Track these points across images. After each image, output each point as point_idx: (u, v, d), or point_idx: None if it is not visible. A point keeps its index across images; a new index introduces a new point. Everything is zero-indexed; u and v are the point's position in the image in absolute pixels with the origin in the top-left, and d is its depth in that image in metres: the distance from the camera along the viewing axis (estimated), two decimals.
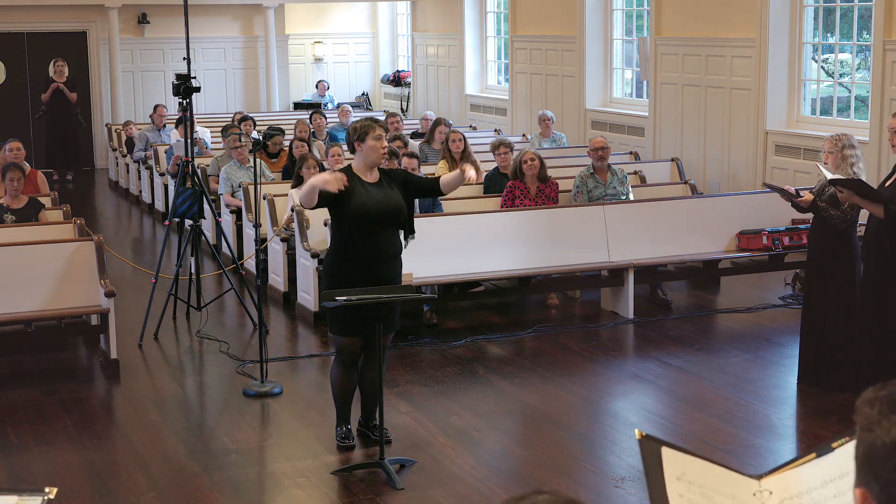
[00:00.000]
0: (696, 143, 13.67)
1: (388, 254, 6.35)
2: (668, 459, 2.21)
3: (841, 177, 7.12)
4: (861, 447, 1.85)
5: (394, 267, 6.41)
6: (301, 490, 6.15)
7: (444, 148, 11.69)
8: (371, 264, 6.28)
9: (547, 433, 6.98)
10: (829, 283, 7.46)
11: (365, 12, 22.45)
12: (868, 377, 7.18)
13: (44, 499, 2.49)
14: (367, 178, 6.37)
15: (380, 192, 6.33)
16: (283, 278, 10.03)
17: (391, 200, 6.33)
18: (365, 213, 6.22)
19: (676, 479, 2.19)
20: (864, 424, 1.84)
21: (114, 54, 18.81)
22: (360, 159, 6.39)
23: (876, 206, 6.92)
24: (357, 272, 6.26)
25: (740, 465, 6.31)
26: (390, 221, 6.33)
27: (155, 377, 8.23)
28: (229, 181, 11.47)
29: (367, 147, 6.33)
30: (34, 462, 6.54)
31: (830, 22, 12.58)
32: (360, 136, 6.34)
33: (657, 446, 2.21)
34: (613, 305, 9.66)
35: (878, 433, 1.81)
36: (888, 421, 1.81)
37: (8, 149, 10.96)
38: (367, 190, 6.30)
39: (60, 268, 8.31)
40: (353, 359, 6.50)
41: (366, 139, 6.32)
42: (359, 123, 6.42)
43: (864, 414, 1.85)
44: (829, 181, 7.10)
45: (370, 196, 6.29)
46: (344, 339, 6.42)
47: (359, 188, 6.29)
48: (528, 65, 17.27)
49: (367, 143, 6.32)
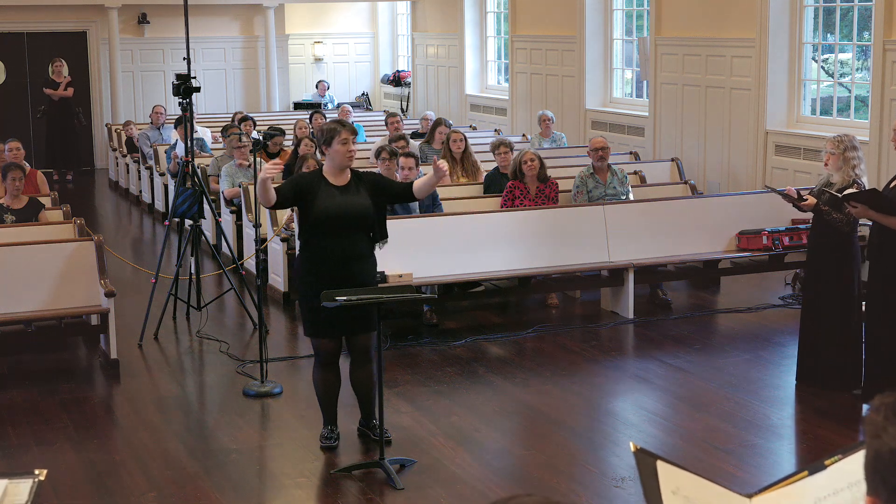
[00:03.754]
0: (696, 143, 13.67)
1: (354, 255, 6.37)
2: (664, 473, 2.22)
3: (853, 191, 7.06)
4: (869, 454, 1.85)
5: (364, 266, 6.43)
6: (301, 490, 6.15)
7: (445, 148, 11.69)
8: (337, 264, 6.32)
9: (547, 433, 6.98)
10: (829, 283, 7.45)
11: (365, 12, 22.44)
12: (868, 377, 7.20)
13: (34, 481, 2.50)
14: (335, 181, 6.39)
15: (345, 195, 6.35)
16: (283, 278, 10.03)
17: (355, 204, 6.33)
18: (325, 217, 6.26)
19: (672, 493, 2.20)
20: (872, 431, 1.84)
21: (114, 54, 18.81)
22: (329, 163, 6.43)
23: (891, 219, 6.84)
24: (325, 272, 6.31)
25: (740, 464, 6.33)
26: (353, 225, 6.34)
27: (155, 377, 8.23)
28: (231, 178, 11.48)
29: (334, 151, 6.37)
30: (34, 462, 6.53)
31: (830, 22, 12.58)
32: (326, 140, 6.39)
33: (653, 460, 2.23)
34: (613, 305, 9.66)
35: (885, 439, 1.81)
36: (894, 427, 1.81)
37: (8, 149, 10.96)
38: (332, 193, 6.33)
39: (60, 268, 8.31)
40: (330, 359, 6.53)
41: (332, 143, 6.36)
42: (326, 127, 6.46)
43: (872, 421, 1.85)
44: (843, 198, 7.02)
45: (333, 199, 6.32)
46: (318, 341, 6.48)
47: (324, 190, 6.33)
48: (528, 65, 17.27)
49: (333, 146, 6.36)
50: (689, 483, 2.25)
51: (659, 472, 2.21)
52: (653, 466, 2.22)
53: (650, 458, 2.23)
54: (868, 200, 6.85)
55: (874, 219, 6.94)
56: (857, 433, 6.79)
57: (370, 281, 6.45)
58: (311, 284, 6.29)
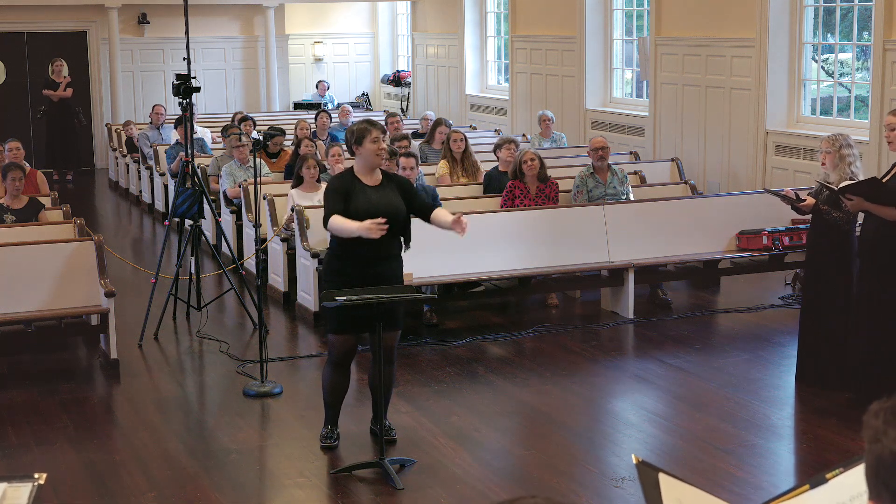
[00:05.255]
0: (696, 143, 13.67)
1: (386, 254, 6.37)
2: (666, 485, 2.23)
3: (848, 182, 7.08)
4: (870, 459, 1.85)
5: (393, 266, 6.43)
6: (301, 490, 6.15)
7: (445, 148, 11.69)
8: (369, 264, 6.30)
9: (547, 433, 6.98)
10: (828, 283, 7.46)
11: (365, 12, 22.44)
12: (865, 376, 7.19)
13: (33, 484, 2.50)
14: (367, 181, 6.39)
15: (379, 194, 6.35)
16: (283, 278, 10.03)
17: (390, 203, 6.33)
18: (363, 215, 6.23)
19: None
20: (871, 436, 1.84)
21: (114, 54, 18.81)
22: (360, 162, 6.42)
23: (888, 210, 6.86)
24: (355, 272, 6.28)
25: (740, 464, 6.33)
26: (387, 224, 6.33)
27: (155, 377, 8.23)
28: (232, 177, 11.49)
29: (365, 150, 6.36)
30: (34, 462, 6.53)
31: (830, 22, 12.58)
32: (357, 139, 6.38)
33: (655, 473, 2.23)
34: (613, 305, 9.66)
35: (885, 443, 1.81)
36: (894, 430, 1.81)
37: (8, 149, 10.96)
38: (367, 193, 6.33)
39: (60, 268, 8.31)
40: (344, 359, 6.51)
41: (363, 142, 6.35)
42: (356, 126, 6.45)
43: (871, 426, 1.85)
44: (839, 190, 7.04)
45: (368, 199, 6.31)
46: (336, 338, 6.44)
47: (359, 190, 6.33)
48: (528, 65, 17.27)
49: (365, 146, 6.35)
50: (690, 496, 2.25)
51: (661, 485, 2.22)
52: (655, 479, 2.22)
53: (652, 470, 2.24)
54: (866, 189, 6.88)
55: (870, 210, 6.97)
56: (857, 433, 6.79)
57: (398, 281, 6.43)
58: (341, 283, 6.24)
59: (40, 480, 2.51)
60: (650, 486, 2.22)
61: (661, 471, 2.24)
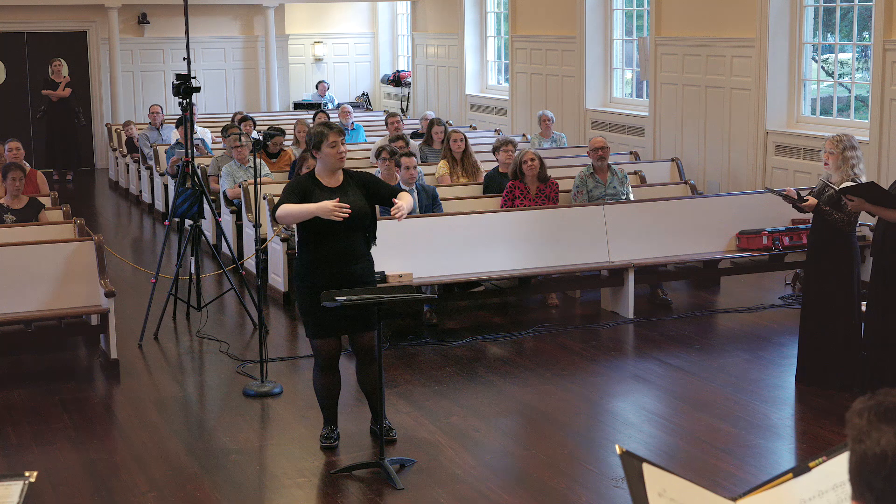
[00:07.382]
0: (696, 143, 13.68)
1: (352, 255, 6.40)
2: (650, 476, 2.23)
3: (850, 184, 7.08)
4: (853, 459, 1.84)
5: (362, 266, 6.46)
6: (301, 490, 6.15)
7: (445, 148, 11.69)
8: (336, 265, 6.35)
9: (547, 433, 6.98)
10: (829, 283, 7.46)
11: (365, 12, 22.45)
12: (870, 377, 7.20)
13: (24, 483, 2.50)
14: (328, 183, 6.43)
15: (339, 196, 6.34)
16: (283, 278, 10.03)
17: (351, 204, 6.33)
18: (324, 222, 6.24)
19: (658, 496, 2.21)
20: (855, 436, 1.84)
21: (114, 54, 18.81)
22: (321, 165, 6.46)
23: (889, 212, 6.86)
24: (325, 272, 6.33)
25: (740, 464, 6.33)
26: (350, 225, 6.33)
27: (155, 377, 8.23)
28: (231, 177, 11.49)
29: (324, 154, 6.42)
30: (34, 462, 6.53)
31: (830, 22, 12.58)
32: (315, 144, 6.44)
33: (638, 463, 2.23)
34: (613, 305, 9.66)
35: (868, 444, 1.81)
36: (877, 431, 1.80)
37: (8, 149, 10.96)
38: (327, 195, 6.33)
39: (60, 268, 8.31)
40: (330, 362, 6.54)
41: (321, 147, 6.40)
42: (314, 131, 6.49)
43: (854, 425, 1.84)
44: (840, 191, 7.04)
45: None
46: (318, 342, 6.48)
47: (318, 193, 6.35)
48: (528, 65, 17.27)
49: (323, 150, 6.40)
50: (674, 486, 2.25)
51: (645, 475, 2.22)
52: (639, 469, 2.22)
53: (636, 460, 2.24)
54: (865, 193, 6.88)
55: (871, 212, 6.98)
56: None
57: (369, 280, 6.48)
58: (311, 286, 6.30)
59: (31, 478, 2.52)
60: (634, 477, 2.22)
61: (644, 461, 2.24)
